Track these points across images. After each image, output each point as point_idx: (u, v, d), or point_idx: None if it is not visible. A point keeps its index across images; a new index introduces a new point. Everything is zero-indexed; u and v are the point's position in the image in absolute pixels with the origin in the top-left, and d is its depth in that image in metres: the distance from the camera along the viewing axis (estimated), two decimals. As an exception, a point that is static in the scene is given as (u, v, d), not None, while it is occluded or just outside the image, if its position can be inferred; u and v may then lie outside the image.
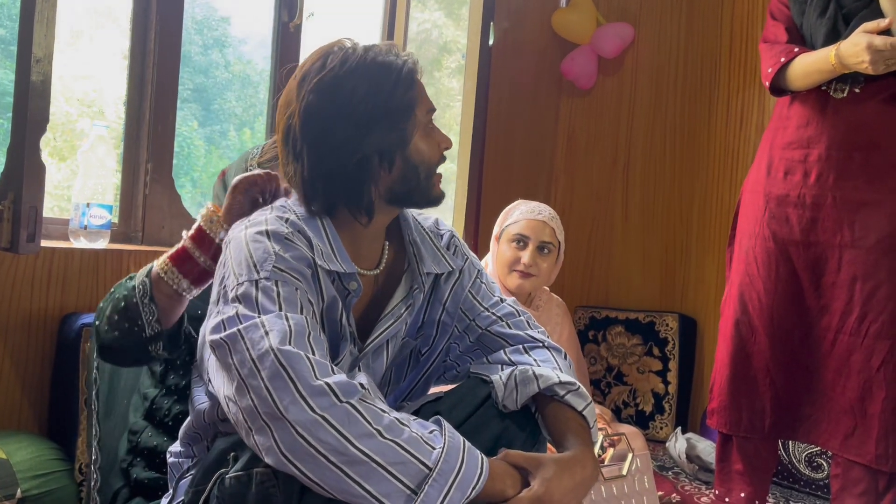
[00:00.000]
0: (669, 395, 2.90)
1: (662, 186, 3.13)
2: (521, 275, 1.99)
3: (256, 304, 0.96)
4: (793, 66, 1.82)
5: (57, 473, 1.55)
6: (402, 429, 0.91)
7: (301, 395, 0.88)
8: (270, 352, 0.90)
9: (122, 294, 1.20)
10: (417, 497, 0.88)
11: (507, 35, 2.98)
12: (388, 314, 1.15)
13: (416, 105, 1.09)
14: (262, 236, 1.03)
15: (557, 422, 1.10)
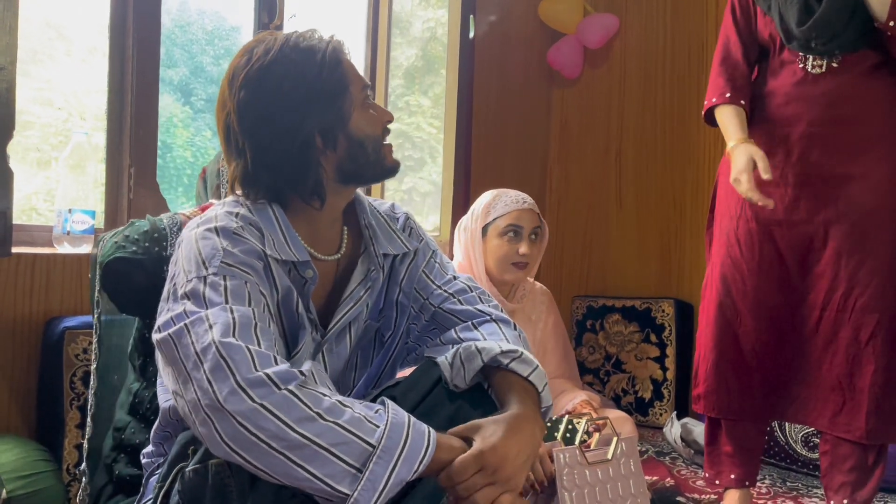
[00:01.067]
0: (668, 382, 2.89)
1: (655, 173, 3.11)
2: (519, 266, 1.98)
3: (203, 299, 0.97)
4: (718, 111, 1.88)
5: (43, 474, 1.57)
6: (344, 410, 0.92)
7: (240, 385, 0.89)
8: (213, 344, 0.92)
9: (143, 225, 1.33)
10: (363, 475, 0.89)
11: (492, 27, 2.98)
12: (348, 298, 1.16)
13: (347, 83, 1.11)
14: (211, 233, 1.04)
15: (501, 387, 1.10)
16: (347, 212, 1.23)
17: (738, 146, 1.79)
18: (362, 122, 1.12)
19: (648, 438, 2.70)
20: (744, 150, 1.78)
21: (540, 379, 1.12)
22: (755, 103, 1.90)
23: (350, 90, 1.11)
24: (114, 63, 2.05)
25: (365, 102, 1.14)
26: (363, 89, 1.14)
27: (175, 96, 2.91)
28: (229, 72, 1.11)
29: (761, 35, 1.86)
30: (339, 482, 0.89)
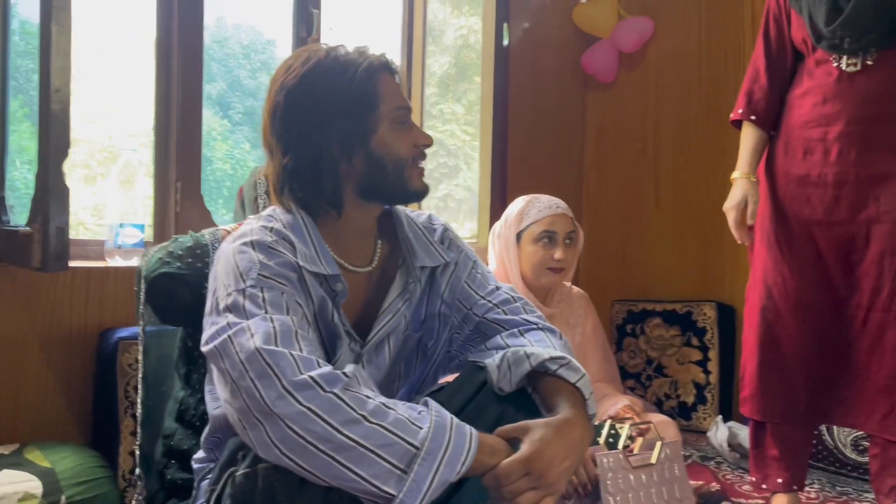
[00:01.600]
0: (711, 385, 2.86)
1: (693, 174, 3.09)
2: (555, 271, 1.99)
3: (244, 311, 1.01)
4: (742, 126, 1.96)
5: (100, 480, 1.63)
6: (388, 412, 0.94)
7: (286, 389, 0.92)
8: (256, 352, 0.95)
9: (187, 241, 1.37)
10: (408, 476, 0.91)
11: (526, 34, 3.00)
12: (386, 310, 1.18)
13: (378, 100, 1.13)
14: (247, 247, 1.08)
15: (549, 392, 1.11)
16: (383, 225, 1.25)
17: (739, 180, 1.91)
18: (388, 141, 1.14)
19: (692, 443, 2.68)
20: (742, 186, 1.90)
21: (586, 387, 1.13)
22: (793, 103, 1.88)
23: (380, 107, 1.13)
24: (160, 81, 2.12)
25: (395, 122, 1.15)
26: (397, 109, 1.15)
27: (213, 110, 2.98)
28: (272, 78, 1.16)
29: (795, 37, 1.86)
30: (384, 483, 0.91)
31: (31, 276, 1.71)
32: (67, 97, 1.43)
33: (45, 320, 1.75)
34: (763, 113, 1.90)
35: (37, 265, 1.46)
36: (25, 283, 1.71)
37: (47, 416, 1.75)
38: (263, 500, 1.00)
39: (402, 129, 1.16)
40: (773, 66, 1.90)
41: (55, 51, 1.41)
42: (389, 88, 1.15)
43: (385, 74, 1.15)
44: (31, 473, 1.54)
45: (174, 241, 1.39)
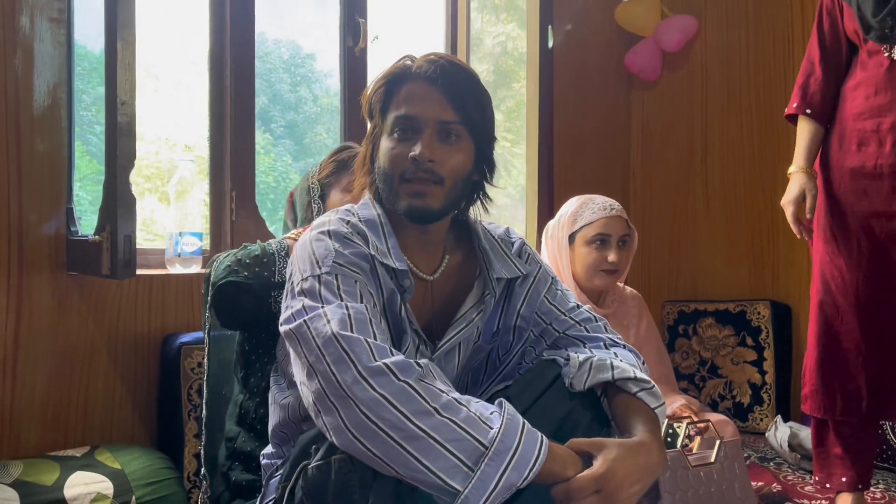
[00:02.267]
0: (767, 385, 2.81)
1: (743, 172, 3.05)
2: (608, 273, 1.98)
3: (319, 296, 1.04)
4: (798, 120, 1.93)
5: (167, 481, 1.67)
6: (460, 408, 0.95)
7: (361, 375, 0.94)
8: (333, 338, 0.97)
9: (255, 250, 1.41)
10: (474, 474, 0.91)
11: (569, 36, 3.00)
12: (460, 318, 1.19)
13: (387, 106, 1.16)
14: (324, 236, 1.12)
15: (627, 410, 1.10)
16: (459, 235, 1.27)
17: (796, 174, 1.89)
18: (384, 151, 1.16)
19: (749, 444, 2.63)
20: (799, 180, 1.88)
21: (662, 416, 1.12)
22: (846, 95, 1.86)
23: (387, 115, 1.16)
24: (213, 94, 2.18)
25: (393, 131, 1.15)
26: (396, 117, 1.14)
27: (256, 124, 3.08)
28: None
29: (847, 29, 1.83)
30: (451, 477, 0.91)
31: (98, 284, 1.77)
32: (133, 109, 1.49)
33: (112, 327, 1.81)
34: (818, 106, 1.87)
35: (106, 272, 1.52)
36: (93, 292, 1.77)
37: (115, 419, 1.81)
38: (336, 491, 1.02)
39: (401, 140, 1.14)
40: (827, 59, 1.87)
41: (121, 65, 1.47)
42: (403, 97, 1.15)
43: (414, 83, 1.15)
44: (103, 475, 1.59)
45: (243, 249, 1.43)
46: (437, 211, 1.15)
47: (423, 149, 1.11)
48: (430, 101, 1.13)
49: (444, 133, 1.14)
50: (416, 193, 1.13)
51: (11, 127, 1.66)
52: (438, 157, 1.13)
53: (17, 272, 1.67)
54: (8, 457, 1.64)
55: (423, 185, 1.12)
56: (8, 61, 1.65)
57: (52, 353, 1.72)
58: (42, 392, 1.71)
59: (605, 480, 0.95)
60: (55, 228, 1.72)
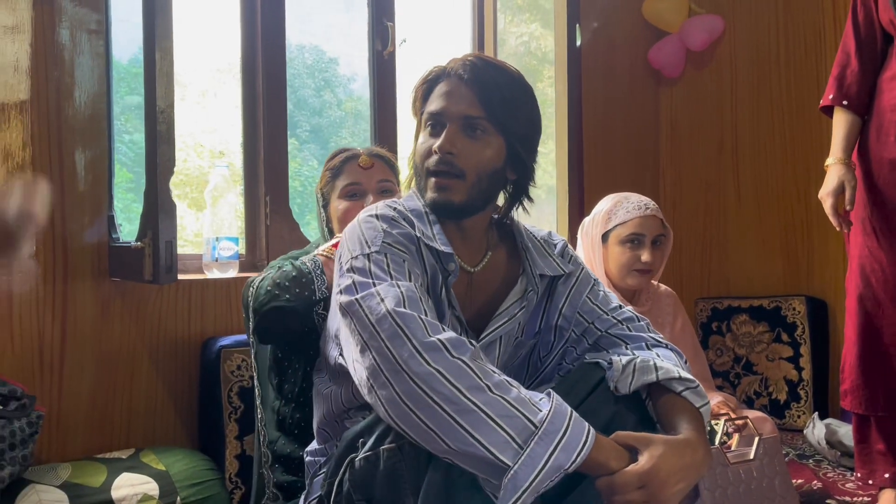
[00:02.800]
0: (804, 382, 2.78)
1: (775, 166, 3.02)
2: (642, 273, 1.97)
3: (370, 274, 1.07)
4: (834, 112, 1.92)
5: (210, 482, 1.70)
6: (511, 388, 0.97)
7: (417, 349, 0.96)
8: (388, 315, 1.00)
9: (290, 271, 1.41)
10: (524, 451, 0.91)
11: (596, 34, 3.00)
12: (503, 312, 1.21)
13: (422, 105, 1.20)
14: (373, 218, 1.16)
15: (672, 409, 1.10)
16: (501, 236, 1.29)
17: (834, 166, 1.86)
18: (416, 146, 1.21)
19: (787, 442, 2.60)
20: (837, 172, 1.85)
21: (707, 415, 1.12)
22: (883, 87, 1.84)
23: (422, 112, 1.20)
24: (246, 100, 2.21)
25: (425, 126, 1.20)
26: (428, 113, 1.19)
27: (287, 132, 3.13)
28: None
29: (882, 19, 1.81)
30: (502, 452, 0.92)
31: (139, 290, 1.81)
32: (171, 117, 1.52)
33: (153, 332, 1.84)
34: (855, 97, 1.85)
35: (148, 278, 1.55)
36: (134, 298, 1.81)
37: (158, 421, 1.85)
38: (385, 481, 1.03)
39: (430, 136, 1.19)
40: (863, 49, 1.85)
41: (159, 74, 1.50)
42: (438, 94, 1.19)
43: (446, 81, 1.19)
44: (148, 476, 1.62)
45: (278, 271, 1.42)
46: (459, 205, 1.17)
47: (443, 141, 1.15)
48: (456, 97, 1.17)
49: (469, 128, 1.17)
50: (440, 187, 1.16)
51: (54, 138, 1.70)
52: (459, 151, 1.15)
53: (62, 279, 1.71)
54: (56, 459, 1.68)
55: (445, 179, 1.16)
56: (49, 74, 1.69)
57: (96, 358, 1.76)
58: (87, 396, 1.75)
59: (650, 476, 0.95)
60: (97, 236, 1.76)
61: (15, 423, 1.47)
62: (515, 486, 0.91)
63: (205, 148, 2.65)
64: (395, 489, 1.03)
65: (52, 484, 1.52)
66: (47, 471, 1.56)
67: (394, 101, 2.50)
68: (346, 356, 1.08)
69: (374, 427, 1.07)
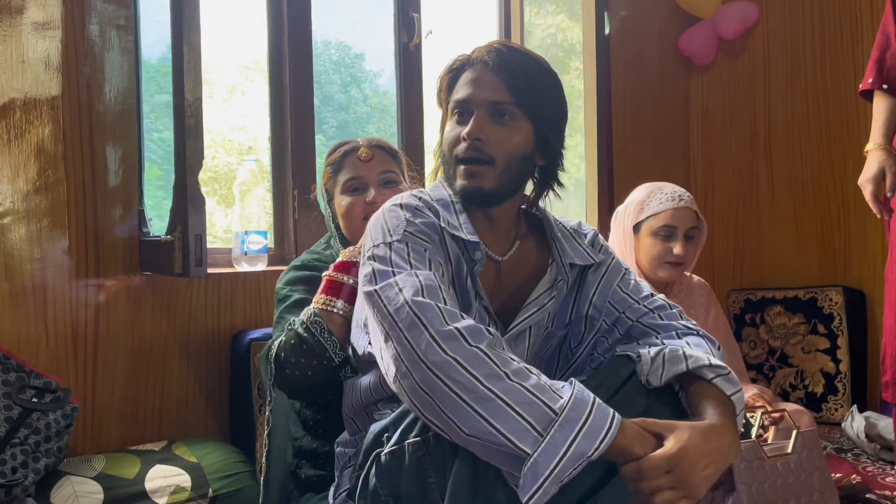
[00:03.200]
0: (842, 374, 2.72)
1: (810, 155, 2.96)
2: (673, 265, 1.93)
3: (390, 262, 1.07)
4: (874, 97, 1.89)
5: (241, 474, 1.71)
6: (530, 375, 0.95)
7: (434, 338, 0.96)
8: (406, 305, 1.00)
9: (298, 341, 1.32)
10: (544, 438, 0.90)
11: (624, 22, 2.95)
12: (532, 302, 1.20)
13: (448, 94, 1.19)
14: (397, 208, 1.16)
15: (701, 397, 1.07)
16: (529, 226, 1.28)
17: (874, 151, 1.83)
18: (446, 133, 1.19)
19: (825, 435, 2.55)
20: (878, 158, 1.82)
21: (739, 402, 1.09)
22: None
23: (448, 101, 1.20)
24: (273, 95, 2.22)
25: (452, 114, 1.19)
26: (454, 101, 1.18)
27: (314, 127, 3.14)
28: None
29: None
30: (521, 440, 0.91)
31: (169, 284, 1.82)
32: (200, 111, 1.52)
33: (184, 325, 1.86)
34: (893, 79, 1.80)
35: (178, 271, 1.56)
36: (165, 291, 1.83)
37: (190, 414, 1.86)
38: (411, 475, 1.02)
39: (458, 123, 1.18)
40: None
41: (187, 68, 1.51)
42: (465, 82, 1.18)
43: (472, 68, 1.18)
44: (181, 468, 1.63)
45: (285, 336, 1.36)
46: (489, 192, 1.16)
47: (472, 128, 1.14)
48: (483, 84, 1.16)
49: (497, 114, 1.16)
50: (470, 174, 1.15)
51: (85, 133, 1.71)
52: (487, 137, 1.15)
53: (95, 274, 1.73)
54: (90, 451, 1.70)
55: (474, 166, 1.15)
56: (80, 70, 1.71)
57: (128, 352, 1.77)
58: (121, 389, 1.76)
59: (677, 460, 0.93)
60: (128, 230, 1.78)
61: (50, 416, 1.49)
62: (535, 474, 0.89)
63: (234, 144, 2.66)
64: (422, 484, 1.03)
65: (86, 475, 1.53)
66: (82, 462, 1.58)
67: (420, 93, 2.49)
68: (373, 345, 1.08)
69: (400, 421, 1.07)
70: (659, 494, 0.93)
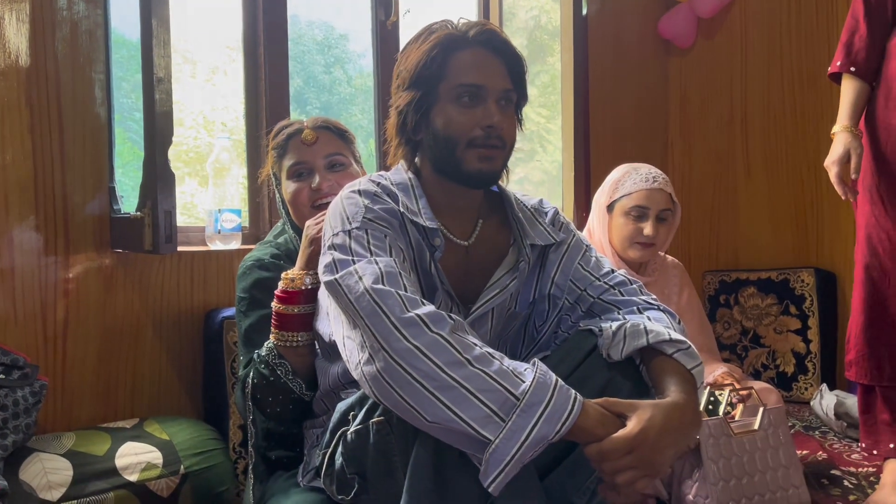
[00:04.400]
0: (812, 354, 2.76)
1: (785, 137, 2.98)
2: (643, 246, 1.94)
3: (350, 250, 1.07)
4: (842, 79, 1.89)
5: (214, 451, 1.71)
6: (493, 361, 0.96)
7: (395, 326, 0.96)
8: (366, 293, 0.99)
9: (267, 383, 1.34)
10: (505, 424, 0.91)
11: (604, 3, 2.95)
12: (494, 284, 1.20)
13: (444, 74, 1.16)
14: (355, 194, 1.15)
15: (662, 372, 1.09)
16: (492, 205, 1.28)
17: (840, 133, 1.84)
18: (446, 117, 1.16)
19: (794, 413, 2.59)
20: (843, 140, 1.82)
21: (700, 376, 1.11)
22: (892, 52, 1.80)
23: (444, 82, 1.16)
24: (248, 75, 2.20)
25: (457, 99, 1.16)
26: (459, 85, 1.15)
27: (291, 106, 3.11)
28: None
29: None
30: (483, 427, 0.92)
31: (141, 261, 1.81)
32: (169, 87, 1.50)
33: (156, 302, 1.85)
34: (863, 63, 1.81)
35: (148, 248, 1.55)
36: (137, 269, 1.81)
37: (162, 392, 1.86)
38: (376, 454, 1.03)
39: (466, 108, 1.15)
40: (872, 15, 1.81)
41: (156, 43, 1.49)
42: (464, 64, 1.16)
43: (469, 50, 1.16)
44: (152, 445, 1.63)
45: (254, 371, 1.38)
46: (498, 174, 1.20)
47: (499, 117, 1.16)
48: (494, 70, 1.17)
49: (505, 101, 1.18)
50: (486, 158, 1.16)
51: (53, 108, 1.69)
52: (504, 125, 1.17)
53: (64, 251, 1.71)
54: (61, 429, 1.69)
55: (492, 151, 1.16)
56: (48, 43, 1.68)
57: (100, 329, 1.76)
58: (92, 366, 1.76)
59: (638, 441, 0.95)
60: (99, 207, 1.76)
61: (18, 392, 1.48)
62: (498, 459, 0.91)
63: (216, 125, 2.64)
64: (386, 462, 1.04)
65: (56, 452, 1.53)
66: (51, 440, 1.58)
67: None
68: (335, 333, 1.08)
69: (365, 400, 1.08)
70: (621, 474, 0.95)
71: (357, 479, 1.11)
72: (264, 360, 1.35)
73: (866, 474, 1.96)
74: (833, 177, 1.82)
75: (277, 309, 1.34)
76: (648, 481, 0.97)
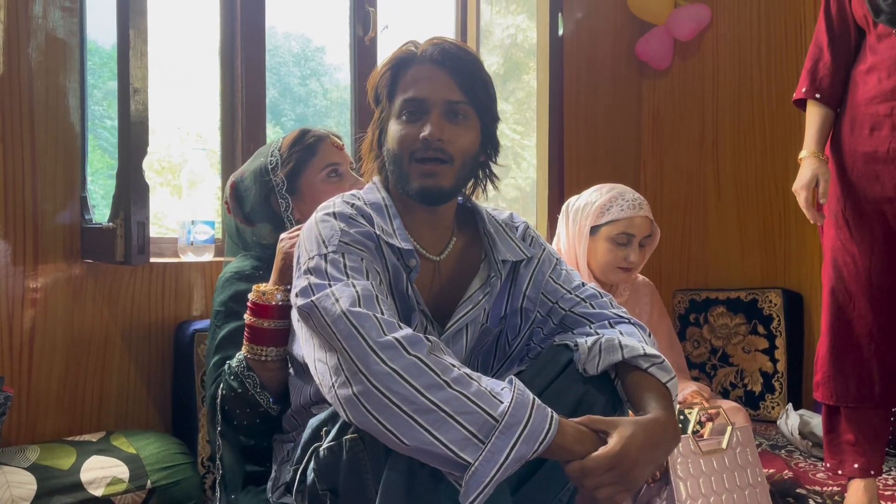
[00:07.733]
0: (779, 374, 2.81)
1: (755, 160, 3.04)
2: (625, 270, 1.96)
3: (326, 275, 1.06)
4: (807, 105, 1.92)
5: (181, 466, 1.69)
6: (471, 382, 0.96)
7: (373, 349, 0.95)
8: (343, 316, 0.99)
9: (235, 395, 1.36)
10: (485, 447, 0.92)
11: (580, 23, 2.99)
12: (467, 300, 1.21)
13: (395, 90, 1.17)
14: (330, 217, 1.14)
15: (639, 388, 1.10)
16: (464, 220, 1.28)
17: (807, 159, 1.86)
18: (392, 133, 1.17)
19: (761, 432, 2.63)
20: (811, 165, 1.84)
21: (674, 388, 1.13)
22: (857, 80, 1.85)
23: (394, 98, 1.17)
24: (225, 84, 2.19)
25: (402, 113, 1.16)
26: (405, 100, 1.16)
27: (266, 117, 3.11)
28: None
29: (856, 13, 1.82)
30: (462, 449, 0.92)
31: (112, 272, 1.79)
32: (146, 98, 1.50)
33: (126, 314, 1.82)
34: (828, 90, 1.86)
35: (120, 259, 1.53)
36: (107, 280, 1.79)
37: (130, 405, 1.83)
38: (348, 471, 1.03)
39: (410, 122, 1.15)
40: (836, 43, 1.86)
41: (133, 54, 1.48)
42: (408, 80, 1.16)
43: (420, 66, 1.17)
44: (119, 459, 1.61)
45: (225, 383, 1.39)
46: (448, 190, 1.17)
47: (433, 129, 1.13)
48: (437, 83, 1.15)
49: (451, 113, 1.16)
50: (428, 174, 1.15)
51: (26, 116, 1.67)
52: (447, 137, 1.15)
53: (33, 260, 1.69)
54: (25, 442, 1.66)
55: (433, 166, 1.15)
56: (22, 51, 1.66)
57: (67, 340, 1.74)
58: (58, 378, 1.73)
59: (619, 458, 0.96)
60: (70, 217, 1.74)
61: (-19, 404, 1.45)
62: (478, 481, 0.91)
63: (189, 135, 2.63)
64: (359, 480, 1.03)
65: (20, 466, 1.50)
66: (15, 453, 1.55)
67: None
68: (306, 356, 1.07)
69: (338, 416, 1.07)
70: (602, 489, 0.96)
71: (329, 496, 1.10)
72: (234, 372, 1.36)
73: (831, 493, 1.99)
74: (802, 201, 1.85)
75: (249, 321, 1.35)
76: (627, 495, 0.99)
